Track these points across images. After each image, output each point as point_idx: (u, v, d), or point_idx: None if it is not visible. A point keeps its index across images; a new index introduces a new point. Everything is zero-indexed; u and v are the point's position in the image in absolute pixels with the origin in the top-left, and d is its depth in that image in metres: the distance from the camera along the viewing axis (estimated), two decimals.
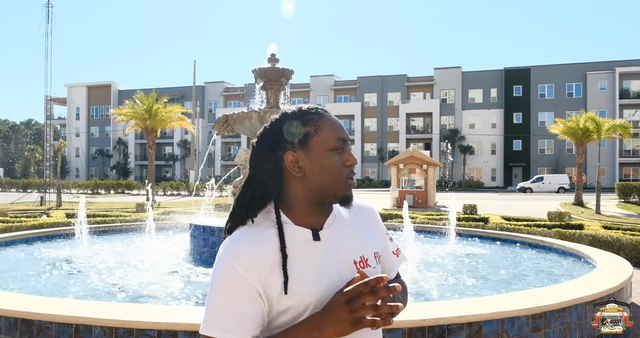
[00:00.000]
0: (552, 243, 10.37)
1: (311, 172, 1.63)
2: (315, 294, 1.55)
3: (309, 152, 1.63)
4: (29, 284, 7.34)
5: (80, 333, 4.39)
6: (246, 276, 1.52)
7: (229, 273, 1.53)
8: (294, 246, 1.59)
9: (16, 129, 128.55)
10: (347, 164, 1.66)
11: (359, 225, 1.77)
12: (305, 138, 1.64)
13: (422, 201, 29.60)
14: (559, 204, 31.31)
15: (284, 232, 1.60)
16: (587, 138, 32.44)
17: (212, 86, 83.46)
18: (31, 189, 49.47)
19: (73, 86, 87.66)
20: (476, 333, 4.59)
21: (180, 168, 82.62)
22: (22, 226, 13.20)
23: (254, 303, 1.52)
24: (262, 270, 1.54)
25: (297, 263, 1.57)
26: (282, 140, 1.65)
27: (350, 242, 1.69)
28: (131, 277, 7.75)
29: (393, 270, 1.88)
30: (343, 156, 1.67)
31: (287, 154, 1.64)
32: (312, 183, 1.64)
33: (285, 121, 1.67)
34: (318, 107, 1.73)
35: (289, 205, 1.67)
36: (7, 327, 4.61)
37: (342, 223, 1.72)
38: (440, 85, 72.81)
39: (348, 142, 1.70)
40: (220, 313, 1.52)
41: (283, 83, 10.76)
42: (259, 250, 1.56)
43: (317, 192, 1.65)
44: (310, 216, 1.66)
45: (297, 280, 1.55)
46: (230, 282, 1.52)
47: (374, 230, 1.82)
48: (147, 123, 33.96)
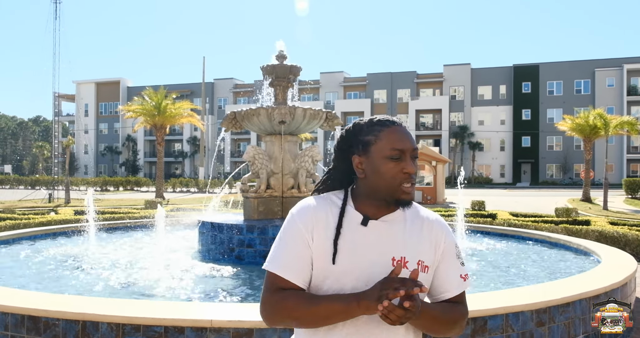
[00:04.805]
0: (558, 238, 10.38)
1: (370, 174, 1.92)
2: (344, 266, 1.85)
3: (369, 157, 1.92)
4: (36, 281, 7.39)
5: (87, 329, 4.43)
6: (303, 228, 1.89)
7: (291, 223, 1.92)
8: (345, 224, 1.90)
9: (24, 126, 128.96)
10: (404, 172, 1.89)
11: (416, 232, 1.96)
12: (366, 145, 1.92)
13: (432, 198, 29.56)
14: (566, 200, 31.20)
15: (344, 212, 1.92)
16: (595, 135, 32.33)
17: (222, 83, 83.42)
18: (39, 187, 49.61)
19: (81, 83, 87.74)
20: (481, 328, 4.61)
21: (189, 165, 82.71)
22: (30, 224, 13.24)
23: (306, 250, 1.88)
24: (314, 228, 1.89)
25: (341, 238, 1.88)
26: (352, 145, 1.97)
27: (397, 240, 1.92)
28: (139, 274, 7.80)
29: (452, 290, 2.00)
30: (401, 164, 1.89)
31: (354, 157, 1.95)
32: (370, 183, 1.93)
33: (356, 129, 1.98)
34: (391, 119, 1.97)
35: (356, 195, 1.98)
36: (14, 323, 4.64)
37: (400, 224, 1.95)
38: (449, 82, 72.57)
39: (409, 152, 1.91)
40: (280, 254, 1.90)
41: (291, 80, 10.77)
42: (316, 213, 1.92)
43: (374, 191, 1.93)
44: (371, 207, 1.95)
45: (337, 252, 1.86)
46: (289, 230, 1.92)
47: (428, 243, 1.96)
48: (156, 120, 33.98)
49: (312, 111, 10.15)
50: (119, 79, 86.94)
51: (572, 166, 65.60)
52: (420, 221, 1.99)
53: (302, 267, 1.88)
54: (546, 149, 68.06)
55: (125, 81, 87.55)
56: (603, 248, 8.61)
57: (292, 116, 9.91)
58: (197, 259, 9.21)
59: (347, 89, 78.79)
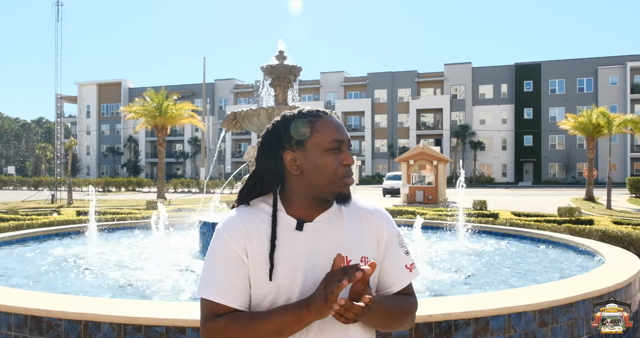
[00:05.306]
0: (560, 238, 10.34)
1: (307, 170, 1.77)
2: (285, 279, 1.72)
3: (305, 152, 1.76)
4: (39, 281, 7.39)
5: (89, 329, 4.43)
6: (234, 246, 1.73)
7: (220, 242, 1.76)
8: (278, 233, 1.75)
9: (27, 127, 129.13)
10: (344, 164, 1.77)
11: (355, 227, 1.84)
12: (301, 139, 1.77)
13: (433, 197, 29.53)
14: (569, 199, 31.15)
15: (276, 219, 1.77)
16: (598, 133, 32.29)
17: (222, 83, 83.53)
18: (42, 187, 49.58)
19: (83, 84, 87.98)
20: (483, 328, 4.59)
21: (190, 165, 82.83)
22: (33, 224, 13.26)
23: (242, 269, 1.73)
24: (246, 243, 1.74)
25: (276, 250, 1.74)
26: (282, 140, 1.79)
27: (336, 240, 1.78)
28: (140, 274, 7.80)
29: (400, 282, 1.88)
30: (340, 156, 1.77)
31: (286, 153, 1.78)
32: (308, 180, 1.77)
33: (286, 122, 1.81)
34: (319, 110, 1.83)
35: (287, 198, 1.82)
36: (17, 323, 4.65)
37: (337, 222, 1.82)
38: (450, 81, 72.59)
39: (346, 143, 1.80)
40: (213, 277, 1.74)
41: (291, 80, 10.77)
42: (246, 226, 1.76)
43: (313, 189, 1.78)
44: (305, 209, 1.80)
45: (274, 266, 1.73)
46: (219, 250, 1.75)
47: (369, 236, 1.85)
48: (157, 120, 34.07)
49: None
50: (120, 81, 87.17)
51: (574, 165, 65.55)
52: (358, 215, 1.86)
53: (240, 288, 1.72)
54: (548, 148, 68.03)
55: (126, 82, 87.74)
56: (607, 247, 8.57)
57: None
58: (199, 259, 9.20)
59: (348, 89, 78.85)
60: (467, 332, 4.52)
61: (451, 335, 4.48)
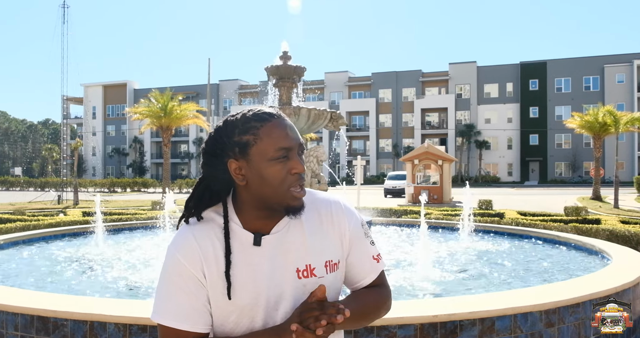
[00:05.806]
0: (567, 238, 10.29)
1: (252, 181, 1.61)
2: (247, 297, 1.61)
3: (249, 161, 1.60)
4: (45, 282, 7.41)
5: (95, 330, 4.43)
6: (189, 267, 1.60)
7: (174, 264, 1.62)
8: (235, 249, 1.63)
9: (34, 128, 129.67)
10: (292, 173, 1.60)
11: (316, 230, 1.72)
12: (244, 147, 1.60)
13: (438, 197, 29.51)
14: (576, 199, 31.07)
15: (229, 233, 1.64)
16: (604, 132, 32.14)
17: (227, 84, 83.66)
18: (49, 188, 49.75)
19: (89, 86, 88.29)
20: (488, 329, 4.57)
21: (195, 166, 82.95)
22: (40, 225, 13.32)
23: (199, 290, 1.61)
24: (202, 262, 1.61)
25: (233, 266, 1.62)
26: (226, 148, 1.63)
27: (297, 249, 1.67)
28: (146, 274, 7.80)
29: (369, 275, 1.80)
30: (288, 164, 1.60)
31: (231, 162, 1.62)
32: (253, 191, 1.63)
33: (227, 128, 1.64)
34: (267, 111, 1.65)
35: (239, 207, 1.68)
36: (23, 324, 4.66)
37: (296, 228, 1.69)
38: (455, 80, 72.49)
39: (295, 149, 1.62)
40: (169, 301, 1.60)
41: (295, 80, 10.78)
42: (199, 243, 1.62)
43: (260, 200, 1.63)
44: (259, 220, 1.66)
45: (233, 284, 1.61)
46: (174, 272, 1.61)
47: (331, 236, 1.74)
48: (163, 121, 34.09)
49: (317, 111, 10.14)
50: (125, 82, 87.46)
51: (581, 164, 65.35)
52: (317, 215, 1.73)
53: (199, 310, 1.60)
54: (554, 147, 67.85)
55: (131, 83, 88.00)
56: (614, 247, 8.52)
57: (297, 116, 9.91)
58: None
59: (352, 89, 78.85)
60: (473, 333, 4.50)
61: (456, 336, 4.46)
